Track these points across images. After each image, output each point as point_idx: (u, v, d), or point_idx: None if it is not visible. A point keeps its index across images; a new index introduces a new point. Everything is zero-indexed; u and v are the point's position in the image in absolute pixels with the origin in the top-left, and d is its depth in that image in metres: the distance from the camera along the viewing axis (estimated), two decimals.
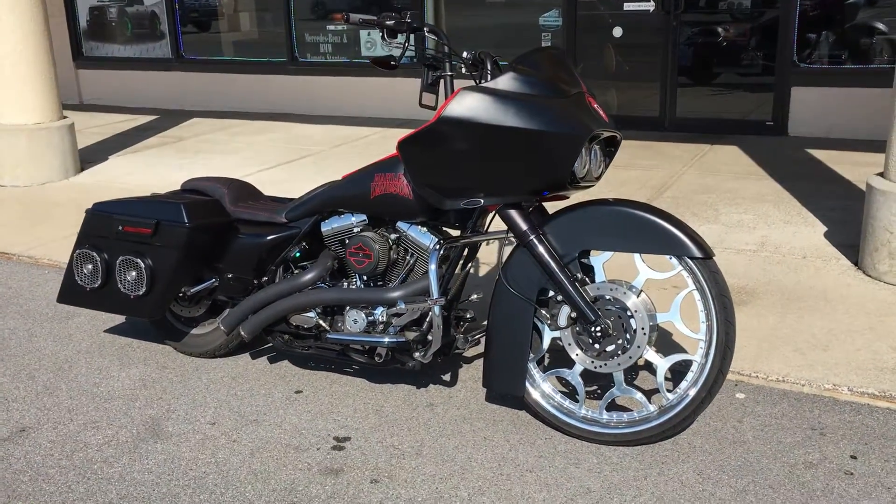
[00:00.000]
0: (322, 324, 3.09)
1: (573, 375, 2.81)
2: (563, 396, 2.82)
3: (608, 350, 2.69)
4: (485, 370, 2.83)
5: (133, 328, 3.80)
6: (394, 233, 3.00)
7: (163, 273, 3.18)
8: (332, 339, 3.02)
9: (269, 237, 3.17)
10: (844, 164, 6.15)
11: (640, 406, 2.75)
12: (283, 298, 3.09)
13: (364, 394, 3.12)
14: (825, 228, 4.74)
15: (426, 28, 2.79)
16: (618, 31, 7.71)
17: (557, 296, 2.73)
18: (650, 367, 3.19)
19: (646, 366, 3.22)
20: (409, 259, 2.99)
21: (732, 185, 5.71)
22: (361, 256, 2.95)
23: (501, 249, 3.00)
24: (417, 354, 2.90)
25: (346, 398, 3.09)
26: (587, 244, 2.68)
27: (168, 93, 10.00)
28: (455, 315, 3.05)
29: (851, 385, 3.02)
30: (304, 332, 3.14)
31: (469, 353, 3.39)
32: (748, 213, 5.07)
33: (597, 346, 2.69)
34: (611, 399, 2.78)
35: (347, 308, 3.02)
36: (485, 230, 3.00)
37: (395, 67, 2.76)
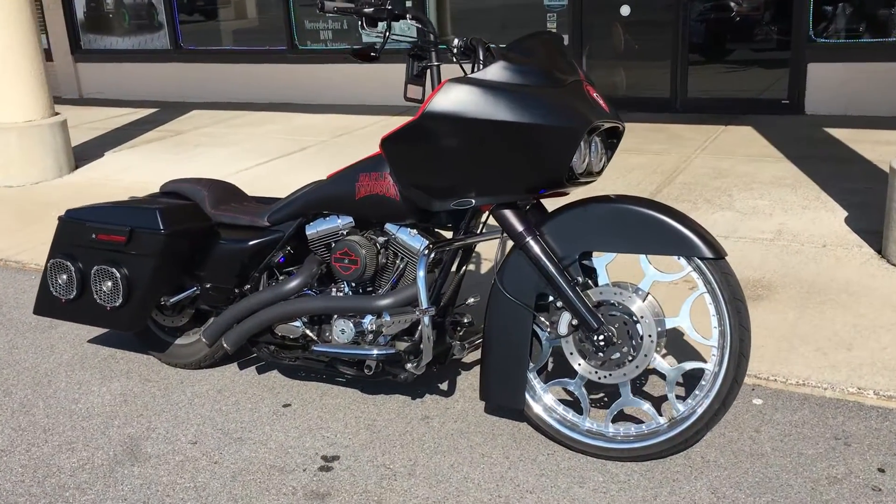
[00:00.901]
0: (309, 333, 2.91)
1: (577, 386, 2.61)
2: (567, 408, 2.63)
3: (613, 359, 2.49)
4: (482, 381, 2.64)
5: (117, 338, 3.62)
6: (382, 235, 2.80)
7: (139, 283, 2.99)
8: (319, 352, 2.83)
9: (251, 242, 2.98)
10: (864, 144, 5.88)
11: (649, 418, 2.56)
12: (267, 307, 2.91)
13: (356, 406, 2.94)
14: (846, 213, 4.50)
15: (408, 14, 2.58)
16: (625, 10, 7.45)
17: (557, 301, 2.53)
18: (660, 373, 2.99)
19: (655, 371, 3.02)
20: (399, 263, 2.79)
21: (747, 169, 5.47)
22: (347, 262, 2.76)
23: (502, 247, 2.78)
24: (410, 366, 2.71)
25: (337, 411, 2.91)
26: (588, 245, 2.47)
27: (168, 84, 9.82)
28: (451, 320, 2.85)
29: (878, 388, 2.81)
30: (291, 343, 2.96)
31: (468, 360, 3.20)
32: (764, 199, 4.84)
33: (600, 356, 2.49)
34: (617, 410, 2.59)
35: (335, 317, 2.83)
36: (479, 231, 2.79)
37: (377, 59, 2.55)
